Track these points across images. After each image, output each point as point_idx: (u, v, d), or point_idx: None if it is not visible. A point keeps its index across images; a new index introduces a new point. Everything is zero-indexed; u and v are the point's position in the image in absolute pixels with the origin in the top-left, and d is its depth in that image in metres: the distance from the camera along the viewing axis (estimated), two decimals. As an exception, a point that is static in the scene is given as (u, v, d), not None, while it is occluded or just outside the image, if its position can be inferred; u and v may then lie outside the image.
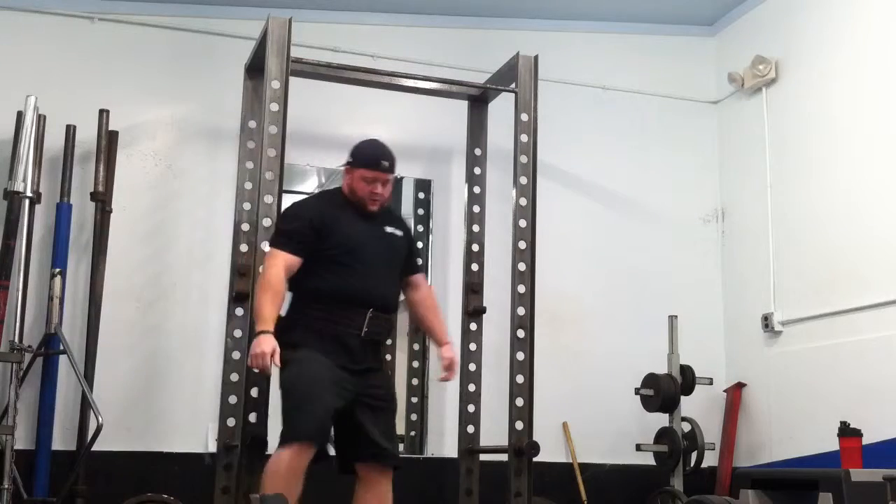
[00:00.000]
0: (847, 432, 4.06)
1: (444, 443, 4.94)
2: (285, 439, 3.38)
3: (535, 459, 4.18)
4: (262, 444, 3.78)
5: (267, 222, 3.96)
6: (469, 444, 4.65)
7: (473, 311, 4.73)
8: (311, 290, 3.58)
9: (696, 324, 5.37)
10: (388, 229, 3.75)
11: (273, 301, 3.44)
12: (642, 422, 5.10)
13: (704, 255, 5.70)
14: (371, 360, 3.64)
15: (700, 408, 5.23)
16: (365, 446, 3.58)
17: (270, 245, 3.65)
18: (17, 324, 4.22)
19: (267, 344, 3.36)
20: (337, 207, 3.70)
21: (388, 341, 4.04)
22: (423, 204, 5.25)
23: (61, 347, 4.21)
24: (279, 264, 3.51)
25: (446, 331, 3.93)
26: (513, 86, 4.58)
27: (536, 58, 4.55)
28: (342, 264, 3.57)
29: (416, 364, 5.02)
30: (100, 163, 4.55)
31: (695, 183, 5.77)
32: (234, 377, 4.36)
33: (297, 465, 3.34)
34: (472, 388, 4.70)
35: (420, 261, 4.04)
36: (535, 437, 4.20)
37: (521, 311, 4.34)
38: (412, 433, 5.09)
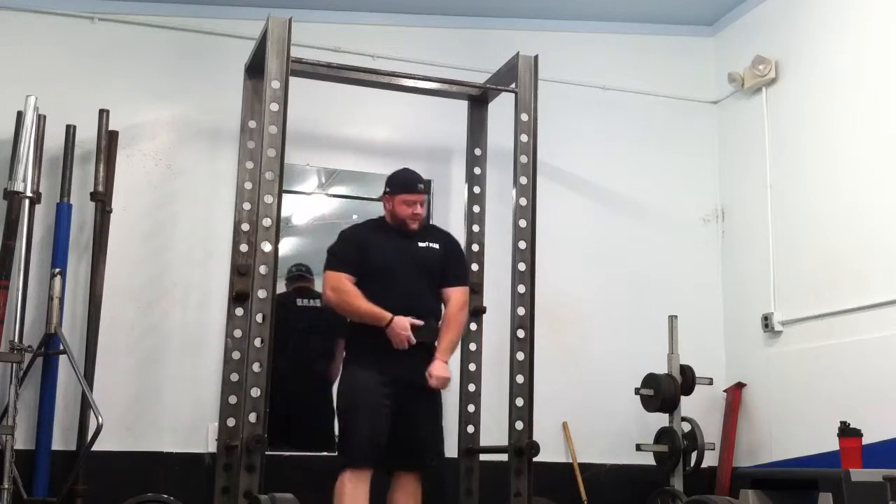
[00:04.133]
0: (847, 432, 4.06)
1: (444, 443, 4.93)
2: (342, 464, 3.86)
3: (535, 459, 4.18)
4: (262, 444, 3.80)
5: (267, 222, 3.96)
6: (469, 444, 4.65)
7: (473, 311, 4.73)
8: None
9: (696, 324, 5.37)
10: (423, 244, 4.11)
11: (363, 300, 3.89)
12: (642, 422, 5.11)
13: (704, 255, 5.70)
14: (421, 365, 3.93)
15: (700, 408, 5.23)
16: (399, 453, 3.93)
17: (325, 269, 4.03)
18: (17, 324, 4.21)
19: (402, 321, 3.84)
20: (377, 231, 4.14)
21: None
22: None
23: (61, 347, 4.20)
24: (341, 278, 3.97)
25: (448, 349, 4.02)
26: (513, 86, 4.58)
27: (536, 58, 4.55)
28: (382, 280, 3.97)
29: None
30: (100, 163, 4.54)
31: (695, 183, 5.77)
32: (234, 377, 4.37)
33: (357, 488, 3.80)
34: (472, 388, 4.70)
35: (455, 275, 4.16)
36: (535, 437, 4.19)
37: (521, 311, 4.34)
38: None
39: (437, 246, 4.14)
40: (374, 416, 3.87)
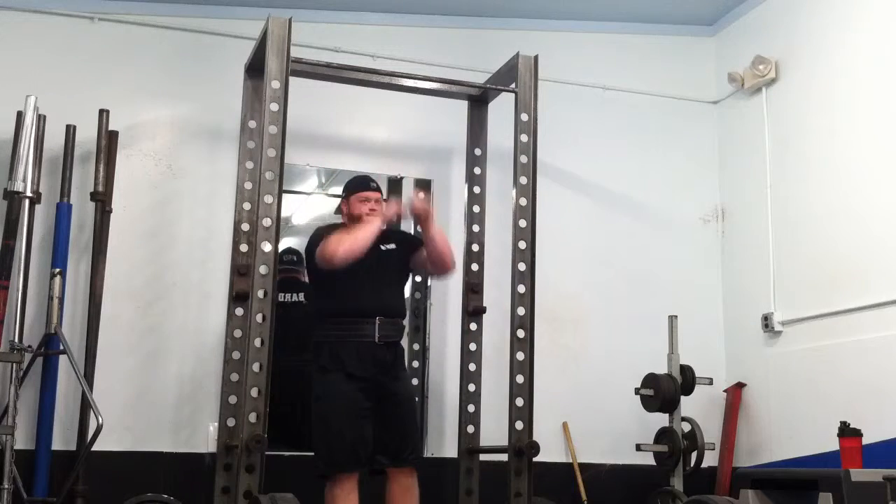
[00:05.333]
0: (847, 432, 4.06)
1: (444, 443, 4.94)
2: (327, 472, 3.96)
3: (535, 459, 4.18)
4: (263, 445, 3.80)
5: (267, 222, 3.96)
6: (469, 444, 4.65)
7: (473, 311, 4.73)
8: (328, 310, 4.13)
9: (696, 324, 5.37)
10: (384, 247, 4.25)
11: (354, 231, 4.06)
12: (642, 422, 5.10)
13: (704, 255, 5.70)
14: (390, 363, 4.13)
15: (700, 408, 5.23)
16: (386, 448, 4.06)
17: (322, 243, 4.10)
18: (17, 324, 4.21)
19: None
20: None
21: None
22: (423, 204, 5.25)
23: (61, 347, 4.20)
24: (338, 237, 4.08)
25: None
26: (513, 86, 4.58)
27: (536, 58, 4.55)
28: (349, 283, 4.07)
29: (415, 364, 5.02)
30: (100, 163, 4.54)
31: (695, 183, 5.77)
32: (234, 377, 4.37)
33: (348, 494, 3.92)
34: (472, 388, 4.70)
35: (417, 239, 4.43)
36: (535, 437, 4.19)
37: (521, 311, 4.34)
38: (412, 433, 5.09)
39: (393, 246, 4.31)
40: (353, 421, 3.99)
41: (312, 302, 4.16)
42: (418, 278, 5.09)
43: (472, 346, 4.72)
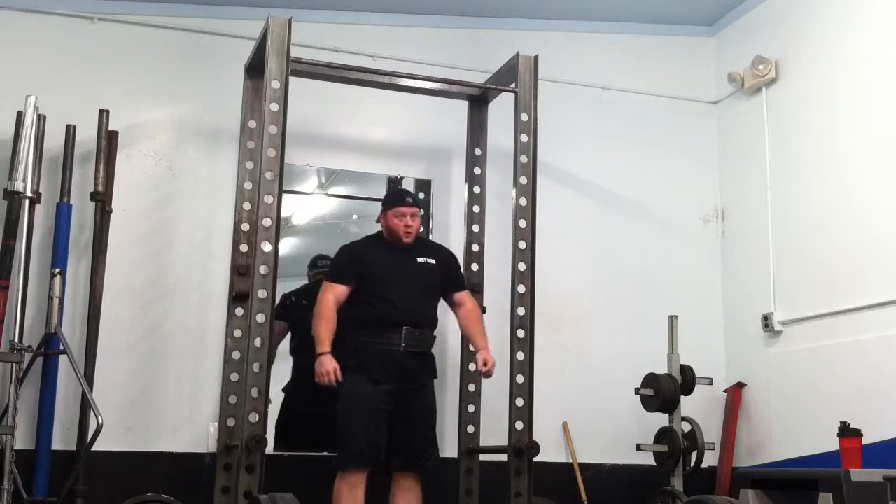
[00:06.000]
0: (847, 432, 4.06)
1: (444, 443, 4.93)
2: (340, 466, 4.04)
3: (535, 459, 4.19)
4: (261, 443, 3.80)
5: (267, 222, 3.97)
6: (469, 444, 4.66)
7: (473, 311, 4.74)
8: (357, 318, 4.18)
9: (696, 324, 5.37)
10: (420, 259, 4.32)
11: (326, 326, 4.09)
12: (642, 422, 5.10)
13: (704, 255, 5.70)
14: (416, 371, 4.18)
15: (700, 408, 5.23)
16: (401, 452, 4.12)
17: (324, 280, 4.25)
18: (17, 324, 4.22)
19: (329, 363, 4.02)
20: (376, 247, 4.34)
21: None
22: (423, 204, 5.24)
23: (61, 347, 4.21)
24: (329, 295, 4.16)
25: (484, 339, 4.34)
26: (513, 86, 4.58)
27: (536, 58, 4.55)
28: (379, 294, 4.17)
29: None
30: (100, 163, 4.55)
31: (695, 183, 5.77)
32: (234, 377, 4.38)
33: (354, 489, 3.99)
34: (472, 388, 4.70)
35: (460, 282, 4.46)
36: (535, 437, 4.20)
37: (521, 311, 4.34)
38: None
39: (433, 261, 4.34)
40: (372, 421, 4.04)
41: (343, 309, 4.16)
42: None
43: (472, 347, 4.71)
